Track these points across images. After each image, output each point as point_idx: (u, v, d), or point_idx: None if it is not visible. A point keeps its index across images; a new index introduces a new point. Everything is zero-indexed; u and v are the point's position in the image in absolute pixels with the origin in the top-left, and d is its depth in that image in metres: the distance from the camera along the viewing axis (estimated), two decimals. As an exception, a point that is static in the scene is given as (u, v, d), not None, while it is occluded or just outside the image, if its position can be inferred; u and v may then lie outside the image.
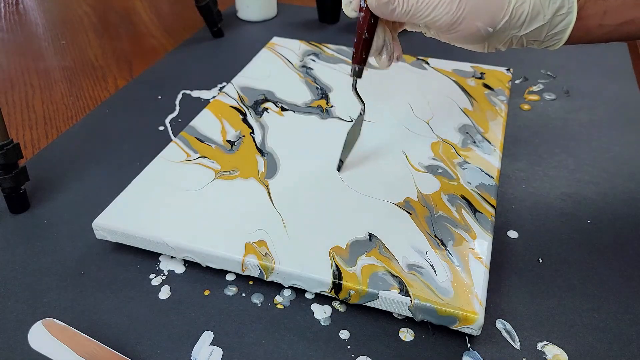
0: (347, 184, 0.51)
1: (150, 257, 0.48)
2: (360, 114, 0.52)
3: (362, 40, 0.46)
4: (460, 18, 0.39)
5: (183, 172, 0.52)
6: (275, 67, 0.71)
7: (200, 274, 0.46)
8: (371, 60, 0.48)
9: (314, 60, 0.73)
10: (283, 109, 0.62)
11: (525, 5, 0.39)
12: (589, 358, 0.40)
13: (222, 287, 0.45)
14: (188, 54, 0.84)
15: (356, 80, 0.49)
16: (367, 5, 0.43)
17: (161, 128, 0.66)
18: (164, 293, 0.45)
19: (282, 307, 0.44)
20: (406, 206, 0.48)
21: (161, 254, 0.48)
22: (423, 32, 0.47)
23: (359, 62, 0.47)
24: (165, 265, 0.47)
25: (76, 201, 0.54)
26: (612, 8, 0.40)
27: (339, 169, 0.52)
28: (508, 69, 0.71)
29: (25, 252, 0.49)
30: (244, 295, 0.45)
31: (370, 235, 0.45)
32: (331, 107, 0.63)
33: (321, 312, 0.43)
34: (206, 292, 0.45)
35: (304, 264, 0.42)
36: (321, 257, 0.43)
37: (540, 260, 0.48)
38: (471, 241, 0.45)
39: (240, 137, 0.57)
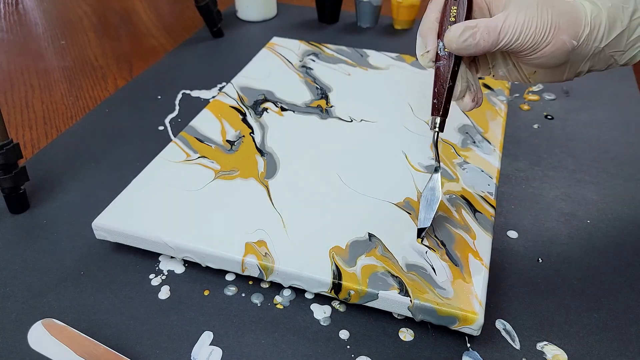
0: (347, 184, 0.51)
1: (150, 257, 0.48)
2: (436, 170, 0.46)
3: (445, 89, 0.42)
4: (547, 33, 0.38)
5: (183, 172, 0.52)
6: (275, 67, 0.71)
7: (200, 274, 0.46)
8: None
9: (313, 60, 0.73)
10: (283, 109, 0.62)
11: (602, 15, 0.39)
12: (589, 358, 0.40)
13: (221, 287, 0.45)
14: (188, 54, 0.84)
15: (438, 134, 0.44)
16: (447, 52, 0.41)
17: (161, 128, 0.66)
18: (164, 293, 0.45)
19: (281, 307, 0.44)
20: (406, 206, 0.48)
21: (161, 254, 0.48)
22: (492, 74, 0.45)
23: (443, 113, 0.43)
24: (165, 265, 0.47)
25: (76, 201, 0.54)
26: None
27: (419, 236, 0.45)
28: (508, 69, 0.71)
29: (25, 252, 0.49)
30: (243, 295, 0.45)
31: (370, 235, 0.45)
32: (331, 107, 0.63)
33: (321, 312, 0.43)
34: (206, 292, 0.45)
35: (304, 264, 0.42)
36: (321, 257, 0.43)
37: (540, 260, 0.48)
38: (471, 241, 0.45)
39: (240, 137, 0.57)
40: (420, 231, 0.45)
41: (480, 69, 0.46)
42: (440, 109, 0.43)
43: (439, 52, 0.42)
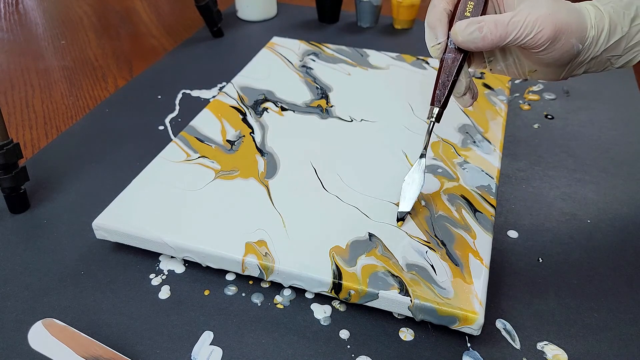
0: (347, 184, 0.51)
1: (150, 257, 0.48)
2: (422, 156, 0.46)
3: (450, 82, 0.42)
4: (560, 34, 0.38)
5: (183, 172, 0.52)
6: (275, 67, 0.71)
7: (200, 273, 0.46)
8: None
9: (313, 60, 0.73)
10: (283, 109, 0.62)
11: (605, 20, 0.39)
12: (589, 358, 0.40)
13: (222, 287, 0.45)
14: (188, 54, 0.84)
15: (433, 124, 0.44)
16: (455, 45, 0.41)
17: (161, 128, 0.66)
18: (164, 293, 0.45)
19: (282, 307, 0.44)
20: (406, 206, 0.48)
21: (161, 254, 0.48)
22: (490, 68, 0.45)
23: (443, 105, 0.43)
24: (165, 265, 0.47)
25: (76, 201, 0.54)
26: None
27: (400, 219, 0.46)
28: (508, 69, 0.71)
29: (25, 252, 0.49)
30: (243, 295, 0.45)
31: (370, 235, 0.45)
32: (331, 107, 0.63)
33: (321, 312, 0.43)
34: (206, 292, 0.45)
35: (304, 264, 0.42)
36: (321, 257, 0.43)
37: (540, 260, 0.48)
38: (471, 241, 0.45)
39: (240, 137, 0.57)
40: (401, 214, 0.46)
41: (473, 62, 0.46)
42: (442, 100, 0.43)
43: (449, 44, 0.42)
